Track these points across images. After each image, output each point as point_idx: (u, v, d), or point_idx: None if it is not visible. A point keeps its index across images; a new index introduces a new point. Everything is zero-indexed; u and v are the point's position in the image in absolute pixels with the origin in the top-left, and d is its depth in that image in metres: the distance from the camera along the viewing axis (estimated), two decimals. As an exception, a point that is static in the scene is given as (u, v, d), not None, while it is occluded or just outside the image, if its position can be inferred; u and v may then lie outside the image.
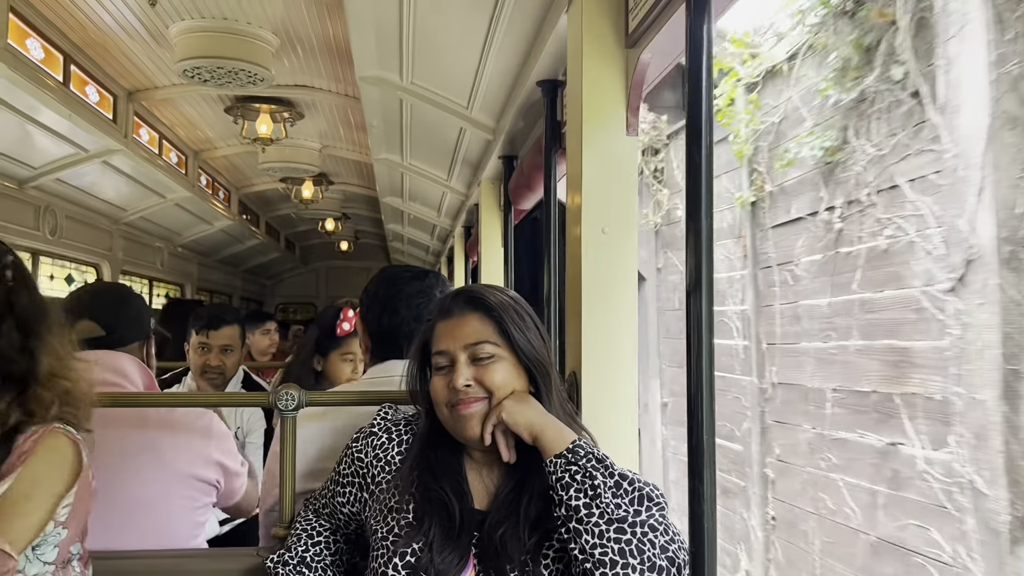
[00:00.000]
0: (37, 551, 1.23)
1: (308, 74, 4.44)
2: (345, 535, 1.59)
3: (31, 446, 1.26)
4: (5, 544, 1.18)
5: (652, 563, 1.19)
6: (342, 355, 2.95)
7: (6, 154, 4.06)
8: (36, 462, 1.24)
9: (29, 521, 1.22)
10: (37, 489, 1.24)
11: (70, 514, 1.27)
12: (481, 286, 1.50)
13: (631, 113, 1.78)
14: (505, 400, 1.34)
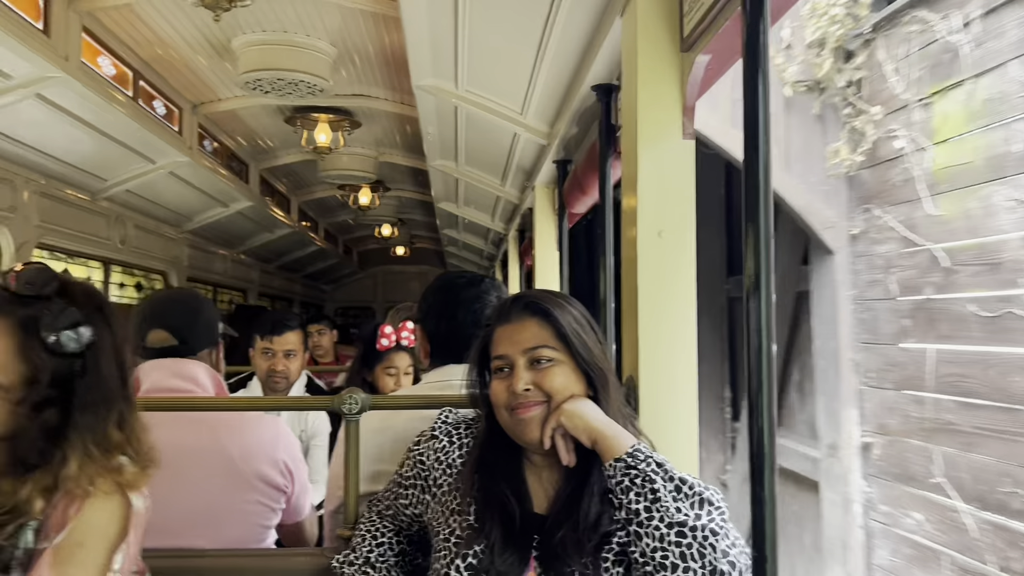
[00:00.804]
0: None
1: (364, 84, 4.53)
2: (408, 536, 1.62)
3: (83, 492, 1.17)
4: None
5: (713, 567, 1.19)
6: (384, 368, 3.06)
7: (80, 167, 4.23)
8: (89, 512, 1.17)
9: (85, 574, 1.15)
10: (90, 541, 1.17)
11: (124, 560, 1.20)
12: (539, 291, 1.51)
13: (687, 117, 1.78)
14: (564, 404, 1.36)
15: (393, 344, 3.14)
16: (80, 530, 1.15)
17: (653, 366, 1.72)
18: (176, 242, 6.16)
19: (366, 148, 6.00)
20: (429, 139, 4.21)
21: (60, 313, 1.18)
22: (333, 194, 7.82)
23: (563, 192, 3.42)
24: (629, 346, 1.79)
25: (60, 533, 1.14)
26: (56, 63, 3.04)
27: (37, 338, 1.16)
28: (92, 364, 1.21)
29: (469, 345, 1.85)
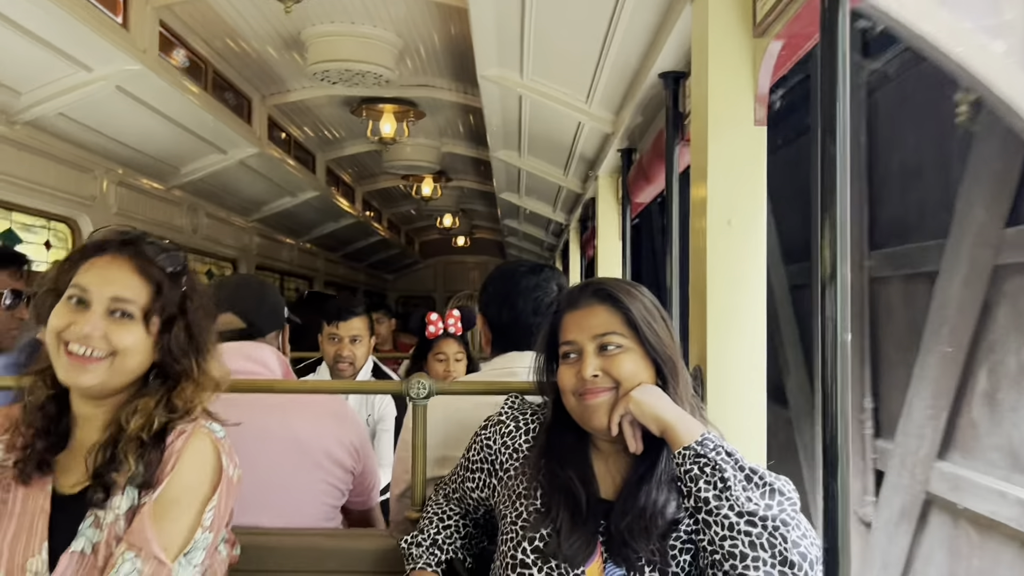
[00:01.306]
0: (188, 556, 1.26)
1: (429, 74, 4.56)
2: (474, 520, 1.64)
3: (180, 445, 1.30)
4: (160, 552, 1.22)
5: (783, 557, 1.18)
6: (435, 355, 3.13)
7: (156, 157, 4.37)
8: (183, 469, 1.28)
9: (180, 528, 1.25)
10: (185, 495, 1.27)
11: (214, 517, 1.30)
12: (609, 279, 1.51)
13: (759, 103, 1.75)
14: (633, 391, 1.35)
15: (440, 331, 3.20)
16: (175, 486, 1.26)
17: (721, 356, 1.70)
18: (246, 231, 6.32)
19: (429, 138, 6.05)
20: (492, 129, 4.22)
21: (158, 242, 1.40)
22: (396, 184, 7.91)
23: (627, 181, 3.40)
24: (696, 336, 1.77)
25: (158, 489, 1.25)
26: (135, 56, 3.14)
27: (148, 260, 1.34)
28: (192, 289, 1.39)
29: (530, 333, 1.87)
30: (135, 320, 1.31)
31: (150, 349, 1.34)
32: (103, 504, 1.28)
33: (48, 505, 1.30)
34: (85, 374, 1.28)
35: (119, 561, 1.21)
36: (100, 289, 1.30)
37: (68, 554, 1.25)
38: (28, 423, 1.34)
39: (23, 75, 3.08)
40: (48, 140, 3.57)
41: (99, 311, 1.29)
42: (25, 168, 3.46)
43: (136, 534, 1.23)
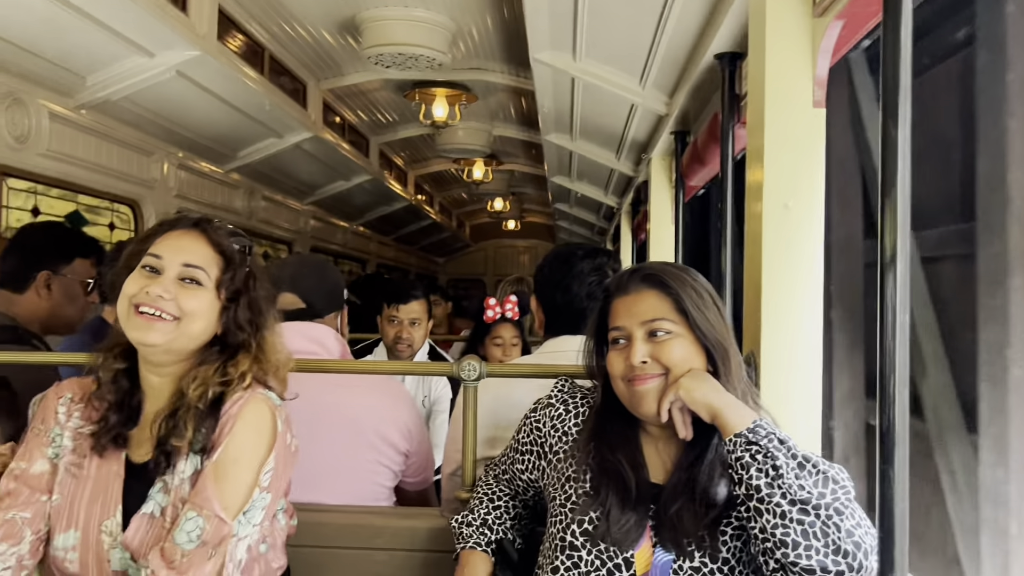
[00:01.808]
0: (248, 515, 1.33)
1: (481, 57, 4.56)
2: (523, 501, 1.65)
3: (237, 410, 1.36)
4: (221, 511, 1.29)
5: (837, 546, 1.16)
6: (492, 339, 3.16)
7: (214, 141, 4.46)
8: (240, 431, 1.34)
9: (239, 488, 1.32)
10: (243, 456, 1.34)
11: (272, 478, 1.37)
12: (659, 263, 1.50)
13: (818, 85, 1.71)
14: (682, 378, 1.34)
15: (497, 316, 3.23)
16: (233, 448, 1.33)
17: (776, 343, 1.68)
18: (301, 214, 6.42)
19: (481, 122, 6.06)
20: (544, 112, 4.21)
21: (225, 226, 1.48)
22: (448, 168, 7.95)
23: (681, 164, 3.36)
24: (751, 321, 1.75)
25: (217, 451, 1.32)
26: (194, 41, 3.20)
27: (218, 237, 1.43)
28: (255, 270, 1.46)
29: (583, 317, 1.86)
30: (204, 288, 1.39)
31: (216, 318, 1.40)
32: (166, 471, 1.35)
33: (122, 471, 1.38)
34: (152, 332, 1.34)
35: (183, 520, 1.28)
36: (173, 256, 1.38)
37: (139, 516, 1.34)
38: (100, 397, 1.41)
39: (88, 61, 3.17)
40: (111, 124, 3.67)
41: (171, 276, 1.37)
42: (90, 151, 3.57)
43: (198, 494, 1.30)
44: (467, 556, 1.58)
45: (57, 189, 3.60)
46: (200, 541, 1.27)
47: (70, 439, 1.41)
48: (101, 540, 1.34)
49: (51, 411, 1.43)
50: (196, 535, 1.27)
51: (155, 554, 1.27)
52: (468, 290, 12.64)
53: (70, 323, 2.48)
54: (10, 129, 3.03)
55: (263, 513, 1.37)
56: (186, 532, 1.27)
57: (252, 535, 1.36)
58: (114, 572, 1.34)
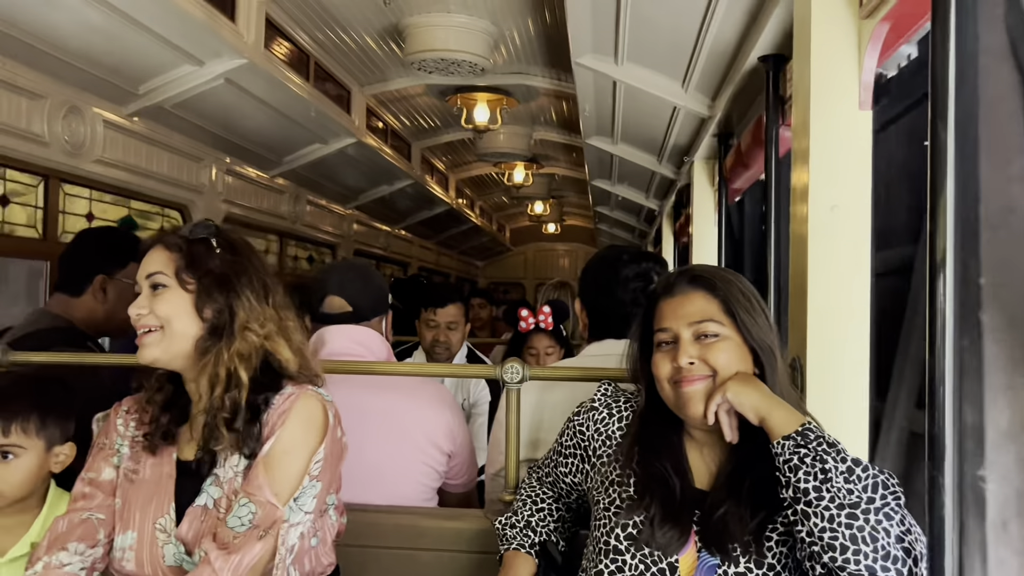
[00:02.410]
0: (298, 502, 1.39)
1: (522, 62, 4.58)
2: (567, 504, 1.66)
3: (288, 406, 1.41)
4: (272, 497, 1.35)
5: (886, 551, 1.15)
6: (526, 349, 3.15)
7: (260, 147, 4.54)
8: (292, 422, 1.40)
9: (289, 475, 1.37)
10: (294, 447, 1.39)
11: (322, 468, 1.41)
12: (706, 265, 1.50)
13: (864, 87, 1.69)
14: (730, 380, 1.34)
15: (531, 326, 3.22)
16: (285, 439, 1.38)
17: (822, 348, 1.66)
18: (344, 218, 6.50)
19: (522, 125, 6.08)
20: (586, 116, 4.21)
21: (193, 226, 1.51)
22: (489, 171, 7.98)
23: (724, 167, 3.34)
24: (796, 326, 1.74)
25: (269, 442, 1.37)
26: (242, 50, 3.27)
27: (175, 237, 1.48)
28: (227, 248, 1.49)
29: (628, 322, 1.86)
30: (169, 288, 1.44)
31: (192, 310, 1.44)
32: (212, 471, 1.42)
33: (173, 471, 1.45)
34: (146, 349, 1.42)
35: (236, 506, 1.35)
36: (140, 275, 1.46)
37: (192, 508, 1.40)
38: (149, 401, 1.50)
39: (141, 70, 3.26)
40: (162, 131, 3.76)
41: (145, 293, 1.45)
42: (142, 158, 3.67)
43: (251, 483, 1.36)
44: (511, 558, 1.59)
45: (111, 195, 3.70)
46: (251, 524, 1.33)
47: (128, 447, 1.50)
48: (156, 538, 1.40)
49: (113, 425, 1.53)
50: (248, 519, 1.33)
51: (207, 539, 1.34)
52: (507, 293, 12.68)
53: (124, 326, 2.54)
54: (67, 137, 3.13)
55: (314, 501, 1.41)
56: (238, 517, 1.33)
57: (304, 522, 1.40)
58: (168, 568, 1.39)
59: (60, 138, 3.09)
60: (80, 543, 1.41)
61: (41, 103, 2.99)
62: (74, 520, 1.43)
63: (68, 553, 1.39)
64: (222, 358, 1.42)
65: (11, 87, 2.83)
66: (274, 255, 5.61)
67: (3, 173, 3.09)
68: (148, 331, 1.42)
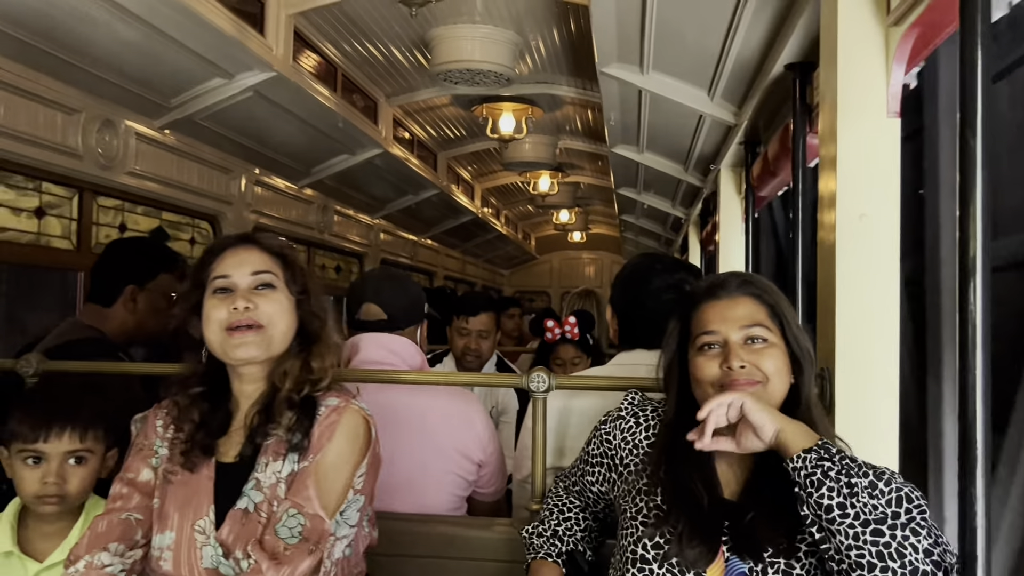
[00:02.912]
0: (344, 516, 1.42)
1: (547, 71, 4.60)
2: (594, 513, 1.66)
3: (335, 418, 1.44)
4: (320, 510, 1.37)
5: (915, 567, 1.14)
6: (552, 359, 3.15)
7: (288, 157, 4.60)
8: (339, 439, 1.43)
9: (336, 489, 1.41)
10: (341, 462, 1.42)
11: (364, 482, 1.45)
12: (749, 272, 1.49)
13: (892, 94, 1.68)
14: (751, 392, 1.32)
15: (557, 336, 3.22)
16: (332, 453, 1.42)
17: (851, 358, 1.64)
18: (372, 228, 6.55)
19: (547, 134, 6.10)
20: (611, 125, 4.21)
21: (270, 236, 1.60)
22: (514, 181, 8.01)
23: (750, 175, 3.33)
24: (824, 336, 1.72)
25: (317, 454, 1.42)
26: (271, 62, 3.32)
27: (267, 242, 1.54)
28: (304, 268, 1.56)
29: (658, 332, 1.85)
30: (277, 290, 1.48)
31: (293, 316, 1.49)
32: (255, 467, 1.43)
33: (212, 473, 1.46)
34: (247, 347, 1.44)
35: (284, 516, 1.36)
36: (239, 271, 1.47)
37: (233, 512, 1.41)
38: (183, 418, 1.50)
39: (172, 83, 3.32)
40: (192, 143, 3.82)
41: (245, 288, 1.46)
42: (173, 169, 3.73)
43: (298, 494, 1.38)
44: (538, 566, 1.59)
45: (142, 206, 3.76)
46: (301, 537, 1.34)
47: (166, 448, 1.51)
48: (194, 539, 1.41)
49: (152, 426, 1.54)
50: (297, 531, 1.34)
51: (255, 547, 1.35)
52: (532, 302, 12.68)
53: (154, 335, 2.59)
54: (101, 150, 3.19)
55: (358, 515, 1.44)
56: (288, 528, 1.35)
57: (348, 536, 1.44)
58: (205, 570, 1.40)
59: (94, 151, 3.15)
60: (119, 543, 1.42)
61: (76, 117, 3.05)
62: (113, 520, 1.45)
63: (109, 554, 1.40)
64: (300, 362, 1.47)
65: (48, 102, 2.90)
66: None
67: (39, 186, 3.16)
68: (250, 327, 1.43)
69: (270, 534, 1.35)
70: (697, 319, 1.42)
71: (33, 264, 3.26)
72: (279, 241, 1.56)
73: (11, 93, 2.73)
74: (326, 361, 1.51)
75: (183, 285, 1.56)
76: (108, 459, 1.68)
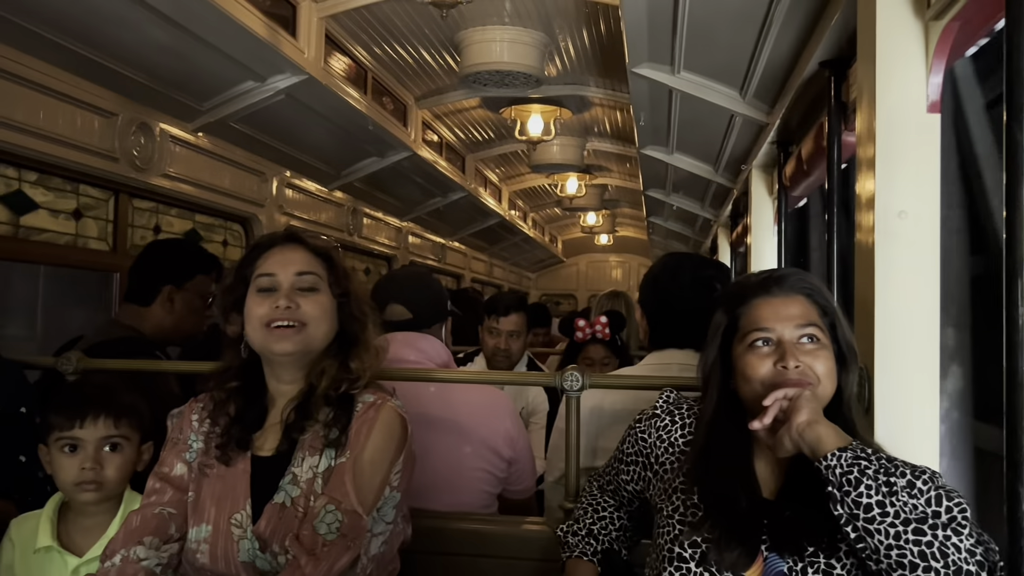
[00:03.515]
0: (380, 512, 1.44)
1: (576, 72, 4.60)
2: (628, 512, 1.64)
3: (372, 415, 1.45)
4: (359, 507, 1.38)
5: (958, 567, 1.12)
6: (582, 359, 3.13)
7: (319, 160, 4.64)
8: (376, 435, 1.44)
9: (373, 485, 1.42)
10: (378, 458, 1.44)
11: (400, 478, 1.47)
12: (800, 270, 1.48)
13: (932, 89, 1.65)
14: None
15: (588, 336, 3.20)
16: (370, 450, 1.43)
17: (890, 359, 1.61)
18: (400, 230, 6.59)
19: (575, 136, 6.09)
20: (641, 126, 4.19)
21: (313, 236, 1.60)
22: (542, 183, 8.01)
23: (783, 175, 3.30)
24: (863, 336, 1.69)
25: (355, 450, 1.43)
26: (302, 64, 3.35)
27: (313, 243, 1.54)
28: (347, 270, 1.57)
29: (689, 331, 1.84)
30: (320, 292, 1.49)
31: (334, 318, 1.51)
32: (292, 462, 1.45)
33: (248, 467, 1.47)
34: (286, 342, 1.45)
35: (322, 512, 1.36)
36: (283, 270, 1.48)
37: (271, 506, 1.42)
38: (220, 412, 1.52)
39: (205, 86, 3.36)
40: (225, 146, 3.87)
41: (288, 287, 1.47)
42: (206, 172, 3.78)
43: (335, 489, 1.39)
44: (573, 565, 1.58)
45: (176, 208, 3.81)
46: (339, 533, 1.35)
47: (201, 442, 1.52)
48: (231, 532, 1.42)
49: (188, 420, 1.56)
50: (335, 527, 1.35)
51: (293, 542, 1.35)
52: (558, 304, 12.66)
53: (190, 335, 2.62)
54: (137, 152, 3.24)
55: (394, 511, 1.46)
56: (326, 524, 1.35)
57: (385, 533, 1.45)
58: (242, 563, 1.41)
59: (130, 153, 3.20)
60: (154, 537, 1.43)
61: (113, 120, 3.10)
62: (147, 515, 1.46)
63: (144, 548, 1.41)
64: (338, 363, 1.49)
65: (86, 105, 2.95)
66: (332, 267, 5.69)
67: (77, 188, 3.21)
68: (291, 326, 1.45)
69: (308, 529, 1.35)
70: (749, 315, 1.38)
71: (70, 264, 3.31)
72: (324, 242, 1.57)
73: (50, 97, 2.79)
74: (365, 363, 1.52)
75: (223, 282, 1.58)
76: (143, 452, 1.71)
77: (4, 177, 2.88)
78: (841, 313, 1.38)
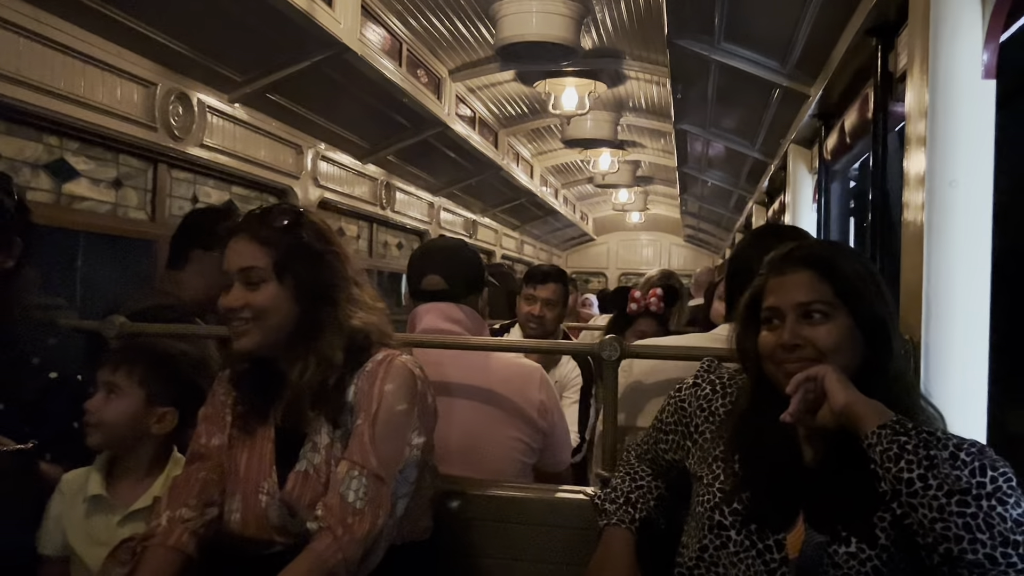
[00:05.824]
0: (404, 474, 1.43)
1: (613, 44, 4.54)
2: (667, 481, 1.63)
3: (382, 372, 1.45)
4: (382, 471, 1.38)
5: (1005, 537, 1.09)
6: (633, 331, 3.09)
7: (353, 134, 4.64)
8: (389, 395, 1.43)
9: (393, 448, 1.42)
10: (392, 416, 1.43)
11: (419, 434, 1.46)
12: (819, 241, 1.45)
13: (989, 53, 1.61)
14: (830, 366, 1.28)
15: (642, 308, 3.16)
16: (384, 409, 1.43)
17: (940, 330, 1.58)
18: (432, 206, 6.59)
19: (609, 110, 6.04)
20: (678, 99, 4.15)
21: (273, 206, 1.55)
22: (574, 159, 7.96)
23: (824, 148, 3.24)
24: (910, 306, 1.67)
25: (369, 407, 1.43)
26: (339, 34, 3.34)
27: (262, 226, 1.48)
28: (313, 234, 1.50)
29: None
30: (265, 283, 1.46)
31: (290, 303, 1.47)
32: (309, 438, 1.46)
33: (272, 436, 1.51)
34: (241, 339, 1.46)
35: (346, 478, 1.38)
36: (232, 265, 1.47)
37: (294, 474, 1.45)
38: (242, 386, 1.54)
39: (244, 57, 3.37)
40: (261, 117, 3.88)
41: (239, 283, 1.46)
42: (242, 143, 3.80)
43: (357, 454, 1.40)
44: (610, 532, 1.58)
45: (213, 179, 3.84)
46: (367, 499, 1.37)
47: (230, 414, 1.56)
48: (259, 499, 1.46)
49: (218, 395, 1.59)
50: (363, 493, 1.37)
51: (323, 508, 1.37)
52: (587, 283, 12.63)
53: (219, 301, 2.63)
54: (175, 121, 3.26)
55: (416, 470, 1.45)
56: (352, 490, 1.37)
57: (409, 493, 1.45)
58: (274, 527, 1.45)
59: (168, 123, 3.23)
60: (198, 499, 1.48)
61: (152, 90, 3.12)
62: (191, 479, 1.51)
63: (188, 509, 1.46)
64: (315, 345, 1.46)
65: (126, 74, 2.97)
66: (365, 241, 5.73)
67: (116, 158, 3.24)
68: (242, 321, 1.45)
69: (336, 497, 1.37)
70: (764, 293, 1.40)
71: (110, 233, 3.35)
72: (280, 222, 1.49)
73: (91, 65, 2.81)
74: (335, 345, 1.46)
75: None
76: (160, 414, 1.71)
77: (47, 145, 2.92)
78: (873, 283, 1.34)
